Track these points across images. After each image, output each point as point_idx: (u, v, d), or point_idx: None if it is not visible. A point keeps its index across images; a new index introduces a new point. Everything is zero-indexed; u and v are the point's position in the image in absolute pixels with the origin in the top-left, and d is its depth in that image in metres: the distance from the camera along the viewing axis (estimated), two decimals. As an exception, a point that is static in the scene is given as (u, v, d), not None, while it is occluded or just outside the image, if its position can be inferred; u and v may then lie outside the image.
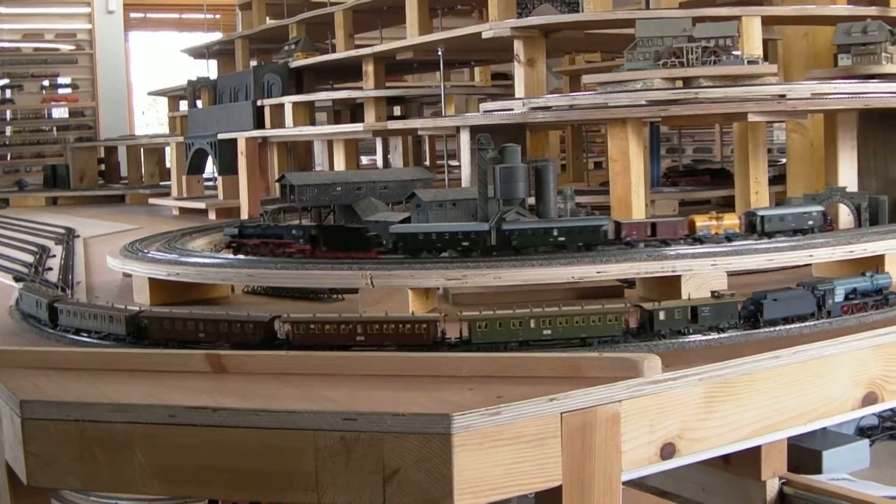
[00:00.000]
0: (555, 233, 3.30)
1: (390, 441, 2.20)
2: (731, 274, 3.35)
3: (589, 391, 2.34)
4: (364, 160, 9.92)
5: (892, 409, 4.11)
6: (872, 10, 5.16)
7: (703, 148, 10.58)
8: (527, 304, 2.87)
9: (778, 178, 5.96)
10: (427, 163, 9.36)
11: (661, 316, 2.83)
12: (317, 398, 2.37)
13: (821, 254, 3.55)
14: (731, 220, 3.53)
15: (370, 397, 2.36)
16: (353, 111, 8.30)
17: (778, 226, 3.48)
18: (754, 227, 3.55)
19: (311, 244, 3.47)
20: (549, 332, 2.73)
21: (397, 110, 8.96)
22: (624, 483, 3.49)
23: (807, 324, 2.98)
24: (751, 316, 2.94)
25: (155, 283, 3.75)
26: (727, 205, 5.42)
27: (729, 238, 3.47)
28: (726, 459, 3.10)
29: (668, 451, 2.51)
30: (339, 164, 6.72)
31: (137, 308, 3.07)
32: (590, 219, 3.43)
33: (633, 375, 2.42)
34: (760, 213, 3.51)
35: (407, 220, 3.80)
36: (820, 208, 3.60)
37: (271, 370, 2.63)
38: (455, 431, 2.16)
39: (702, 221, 3.51)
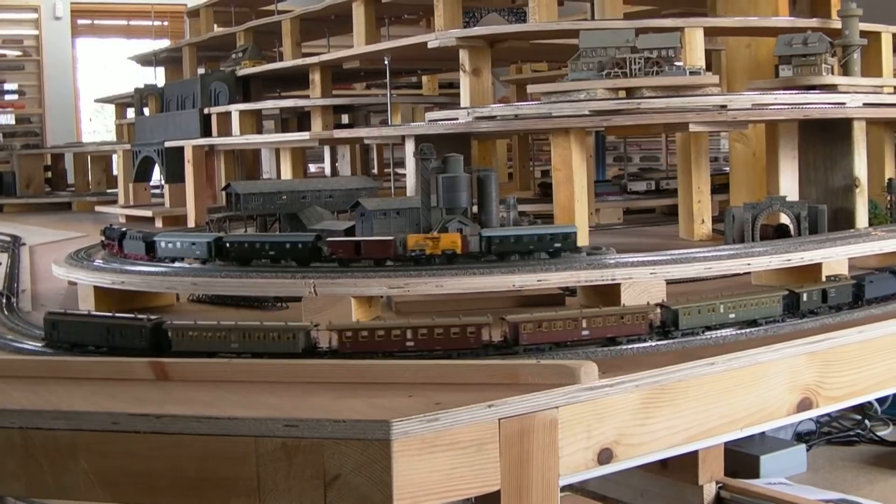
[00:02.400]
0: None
1: (331, 447, 2.23)
2: (670, 282, 3.40)
3: (526, 397, 2.37)
4: (312, 168, 9.93)
5: (829, 415, 4.17)
6: (813, 22, 5.24)
7: (649, 157, 10.65)
8: (471, 311, 2.91)
9: (724, 187, 6.02)
10: (375, 171, 9.38)
11: (805, 297, 3.19)
12: (259, 405, 2.40)
13: (758, 262, 3.61)
14: (452, 240, 3.41)
15: (311, 404, 2.39)
16: (300, 119, 8.31)
17: (510, 247, 3.37)
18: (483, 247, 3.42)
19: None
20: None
21: (346, 118, 8.97)
22: (563, 488, 3.54)
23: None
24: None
25: (100, 291, 3.75)
26: (672, 213, 5.47)
27: (449, 259, 3.37)
28: (664, 464, 3.14)
29: (605, 456, 2.55)
30: (286, 172, 6.73)
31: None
32: (297, 235, 3.58)
33: (570, 382, 2.46)
34: (487, 233, 3.39)
35: (351, 229, 3.82)
36: (569, 230, 3.49)
37: (214, 378, 2.65)
38: (394, 437, 2.19)
39: (415, 241, 3.42)
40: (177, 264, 3.66)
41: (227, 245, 3.56)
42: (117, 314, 3.09)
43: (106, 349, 2.95)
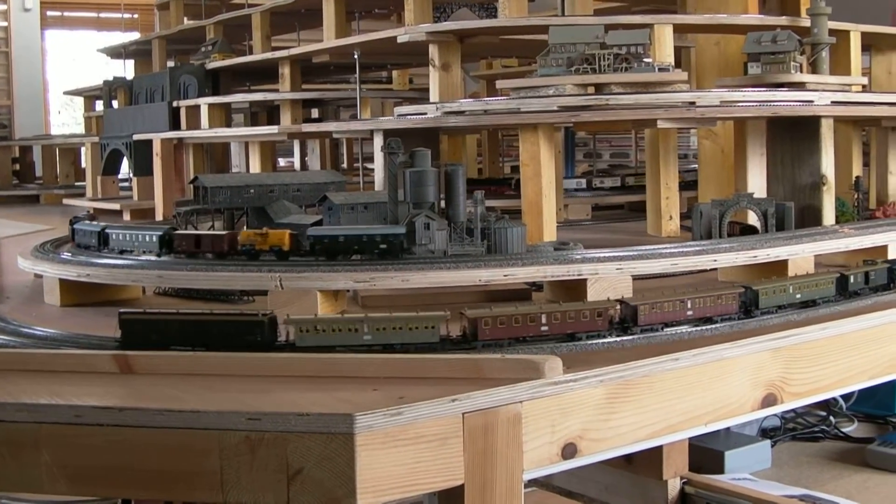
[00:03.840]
0: None
1: (294, 441, 2.22)
2: (637, 278, 3.41)
3: (490, 392, 2.37)
4: (282, 162, 9.91)
5: (794, 411, 4.20)
6: (783, 20, 5.26)
7: (619, 153, 10.68)
8: (438, 306, 2.91)
9: (693, 184, 6.04)
10: (344, 166, 9.37)
11: (852, 279, 3.38)
12: (222, 398, 2.39)
13: (724, 259, 3.62)
14: (280, 237, 3.48)
15: (275, 398, 2.39)
16: (269, 113, 8.30)
17: (336, 247, 3.40)
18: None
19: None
20: None
21: (315, 113, 8.96)
22: (529, 483, 3.55)
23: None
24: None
25: (65, 284, 3.74)
26: (641, 209, 5.48)
27: (279, 255, 3.44)
28: (628, 459, 3.15)
29: (569, 450, 2.55)
30: (255, 166, 6.73)
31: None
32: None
33: (534, 377, 2.46)
34: (312, 232, 3.45)
35: (319, 223, 3.82)
36: (399, 230, 3.47)
37: (179, 371, 2.64)
38: (357, 431, 2.19)
39: (246, 237, 3.51)
40: (144, 257, 3.64)
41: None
42: (221, 310, 2.96)
43: (204, 348, 2.79)
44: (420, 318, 2.77)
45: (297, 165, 8.53)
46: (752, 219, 4.23)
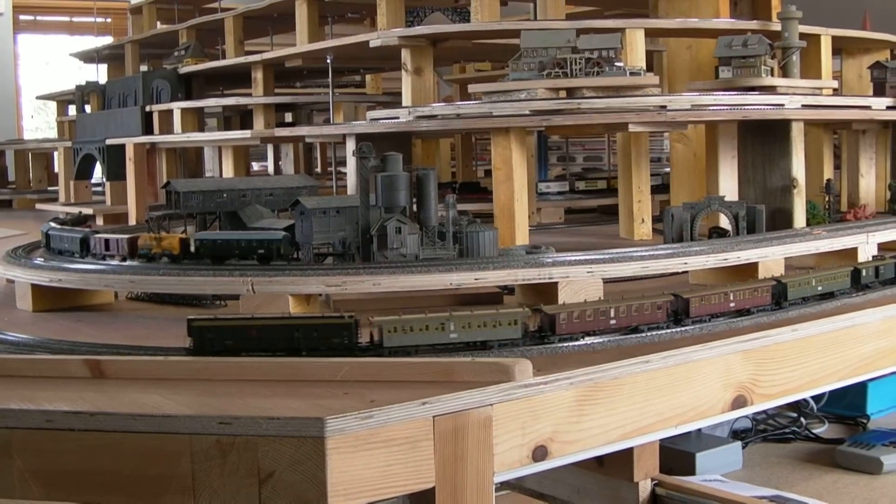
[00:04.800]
0: None
1: (265, 444, 2.23)
2: (609, 281, 3.42)
3: (461, 395, 2.38)
4: (256, 167, 9.91)
5: (765, 412, 4.21)
6: (754, 24, 5.29)
7: (593, 157, 10.70)
8: (410, 310, 2.91)
9: (666, 186, 6.07)
10: (318, 170, 9.37)
11: (864, 273, 3.59)
12: (193, 403, 2.39)
13: (695, 262, 3.64)
14: (170, 241, 3.59)
15: (246, 402, 2.39)
16: (243, 118, 8.29)
17: (217, 251, 3.52)
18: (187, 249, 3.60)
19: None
20: None
21: (289, 117, 8.96)
22: (502, 485, 3.56)
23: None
24: None
25: (37, 290, 3.73)
26: (614, 213, 5.50)
27: (172, 258, 3.55)
28: (600, 461, 3.16)
29: (540, 453, 2.56)
30: (228, 170, 6.72)
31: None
32: None
33: (505, 380, 2.47)
34: (198, 237, 3.56)
35: (291, 227, 3.82)
36: (277, 236, 3.60)
37: (150, 375, 2.64)
38: (329, 435, 2.20)
39: (143, 241, 3.62)
40: (114, 262, 3.65)
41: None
42: (302, 314, 3.00)
43: (285, 353, 2.76)
44: (503, 314, 2.83)
45: (270, 170, 8.53)
46: (724, 222, 4.25)
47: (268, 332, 2.77)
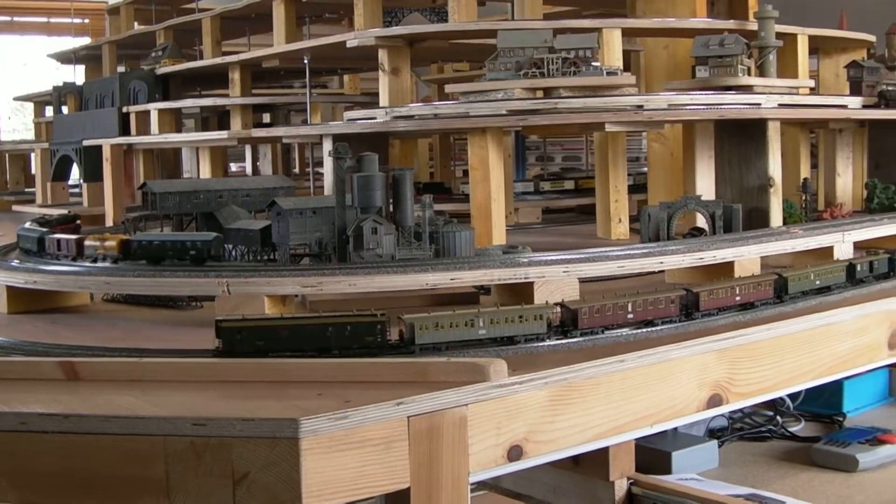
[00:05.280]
0: None
1: (239, 446, 2.23)
2: (583, 280, 3.43)
3: (436, 395, 2.38)
4: (234, 167, 9.89)
5: (741, 411, 4.23)
6: (730, 24, 5.30)
7: (571, 156, 10.71)
8: (388, 310, 2.91)
9: (644, 186, 6.08)
10: (296, 171, 9.36)
11: (859, 268, 3.70)
12: (167, 404, 2.39)
13: (671, 261, 3.64)
14: (111, 243, 3.64)
15: (220, 403, 2.39)
16: (220, 118, 8.27)
17: (152, 251, 3.57)
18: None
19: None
20: None
21: (267, 118, 8.94)
22: (478, 485, 3.57)
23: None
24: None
25: (13, 291, 3.72)
26: (592, 212, 5.50)
27: (114, 259, 3.60)
28: (576, 461, 3.17)
29: (515, 452, 2.57)
30: (205, 171, 6.70)
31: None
32: None
33: (479, 380, 2.47)
34: (135, 238, 3.63)
35: (267, 228, 3.82)
36: (208, 237, 3.63)
37: (124, 377, 2.64)
38: (303, 436, 2.19)
39: (89, 242, 3.69)
40: (89, 263, 3.64)
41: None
42: (334, 313, 2.91)
43: (317, 353, 2.76)
44: (529, 310, 2.90)
45: (249, 170, 8.52)
46: (702, 221, 4.26)
47: (299, 332, 2.77)
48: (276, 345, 2.74)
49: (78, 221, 4.90)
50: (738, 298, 3.30)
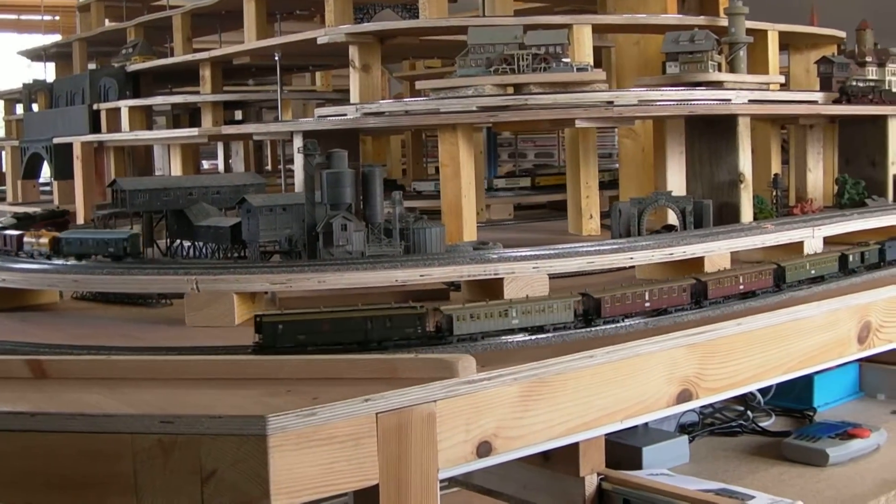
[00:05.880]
0: None
1: (207, 443, 2.22)
2: (553, 276, 3.43)
3: (404, 391, 2.38)
4: (206, 165, 9.86)
5: (712, 406, 4.23)
6: (701, 20, 5.32)
7: (544, 153, 10.71)
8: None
9: (615, 182, 6.09)
10: (269, 168, 9.34)
11: (851, 258, 3.84)
12: (135, 402, 2.38)
13: (641, 256, 3.65)
14: (44, 240, 3.73)
15: (188, 400, 2.38)
16: (192, 116, 8.25)
17: (73, 249, 3.67)
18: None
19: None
20: None
21: (239, 115, 8.92)
22: (450, 482, 3.56)
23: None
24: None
25: (-20, 290, 3.70)
26: (564, 209, 5.50)
27: (47, 256, 3.69)
28: (546, 457, 3.17)
29: (484, 449, 2.57)
30: (176, 169, 6.68)
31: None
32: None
33: (448, 376, 2.47)
34: (60, 236, 3.72)
35: (237, 226, 3.81)
36: (123, 236, 3.71)
37: (92, 375, 2.62)
38: (270, 433, 2.19)
39: (28, 237, 3.80)
40: (58, 261, 3.63)
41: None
42: (373, 306, 2.94)
43: (358, 346, 2.79)
44: (557, 300, 3.00)
45: (221, 168, 8.49)
46: (672, 217, 4.27)
47: (340, 325, 2.78)
48: (317, 338, 2.76)
49: (67, 217, 4.91)
50: (741, 287, 3.43)
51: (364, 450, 2.33)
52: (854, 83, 5.09)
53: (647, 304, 3.17)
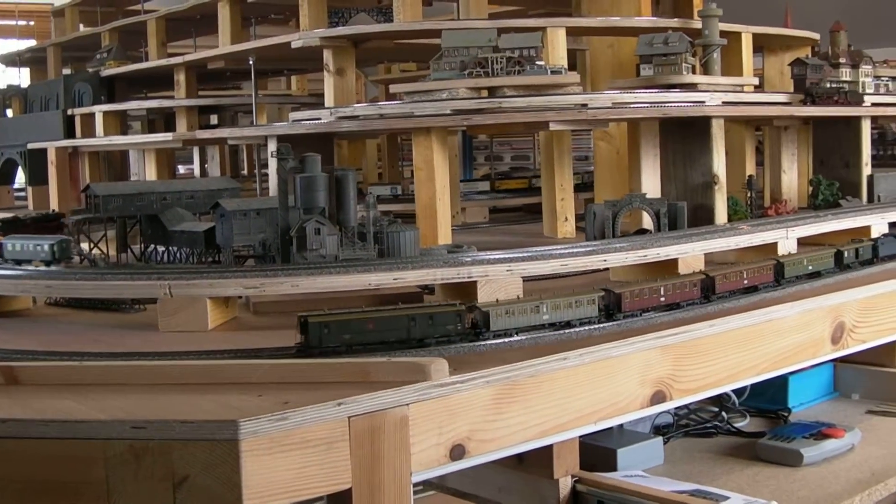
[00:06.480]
0: None
1: (179, 448, 2.21)
2: (527, 279, 3.43)
3: (376, 395, 2.38)
4: (182, 170, 9.84)
5: (687, 407, 4.23)
6: (674, 23, 5.33)
7: (520, 156, 10.72)
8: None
9: (591, 185, 6.10)
10: (245, 172, 9.32)
11: (846, 254, 3.98)
12: (106, 407, 2.37)
13: (615, 258, 3.66)
14: None
15: (160, 405, 2.37)
16: (167, 120, 8.22)
17: (13, 254, 3.76)
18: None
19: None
20: None
21: (215, 119, 8.90)
22: (424, 486, 3.56)
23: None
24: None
25: (-46, 296, 3.69)
26: (539, 211, 5.51)
27: None
28: (520, 459, 3.16)
29: (457, 452, 2.57)
30: (151, 173, 6.66)
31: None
32: None
33: (420, 379, 2.47)
34: (3, 241, 3.80)
35: (211, 230, 3.81)
36: (50, 242, 3.77)
37: (64, 381, 2.61)
38: (242, 437, 2.18)
39: None
40: (31, 267, 3.62)
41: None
42: (415, 304, 3.04)
43: (401, 344, 2.82)
44: (583, 296, 3.10)
45: (197, 173, 8.47)
46: (647, 219, 4.28)
47: (385, 324, 2.81)
48: (363, 338, 2.78)
49: (61, 220, 4.90)
50: (745, 282, 3.57)
51: (337, 453, 2.33)
52: (819, 85, 5.11)
53: (663, 299, 3.29)
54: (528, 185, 6.71)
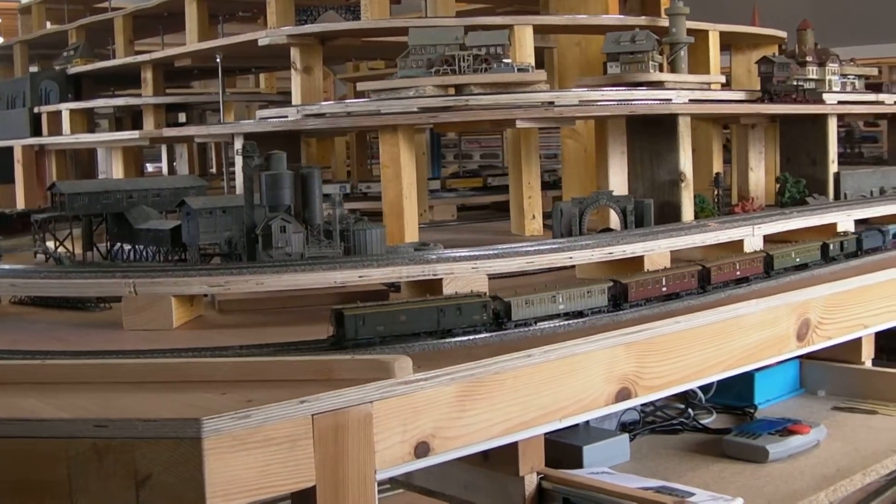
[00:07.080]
0: None
1: (141, 447, 2.21)
2: (493, 277, 3.43)
3: (340, 392, 2.38)
4: (150, 168, 9.80)
5: (653, 404, 4.25)
6: (642, 20, 5.34)
7: (489, 154, 10.73)
8: (300, 308, 2.91)
9: (559, 182, 6.11)
10: (214, 170, 9.29)
11: (832, 247, 4.10)
12: (69, 406, 2.36)
13: (581, 255, 3.66)
14: None
15: (122, 404, 2.36)
16: (135, 118, 8.19)
17: None
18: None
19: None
20: None
21: (183, 117, 8.87)
22: (390, 484, 3.56)
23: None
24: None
25: (-82, 296, 3.67)
26: (507, 209, 5.51)
27: None
28: (485, 456, 3.17)
29: (422, 449, 2.57)
30: (118, 172, 6.64)
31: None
32: None
33: (384, 377, 2.47)
34: None
35: (178, 228, 3.80)
36: None
37: (26, 379, 2.60)
38: (205, 435, 2.18)
39: None
40: (-5, 266, 3.61)
41: None
42: (443, 296, 3.15)
43: (432, 335, 2.88)
44: (595, 286, 3.21)
45: (165, 171, 8.45)
46: (614, 216, 4.29)
47: (416, 315, 2.86)
48: (395, 329, 2.83)
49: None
50: (738, 273, 3.68)
51: (300, 451, 2.32)
52: (779, 83, 5.13)
53: (664, 289, 3.40)
54: (483, 184, 6.71)
